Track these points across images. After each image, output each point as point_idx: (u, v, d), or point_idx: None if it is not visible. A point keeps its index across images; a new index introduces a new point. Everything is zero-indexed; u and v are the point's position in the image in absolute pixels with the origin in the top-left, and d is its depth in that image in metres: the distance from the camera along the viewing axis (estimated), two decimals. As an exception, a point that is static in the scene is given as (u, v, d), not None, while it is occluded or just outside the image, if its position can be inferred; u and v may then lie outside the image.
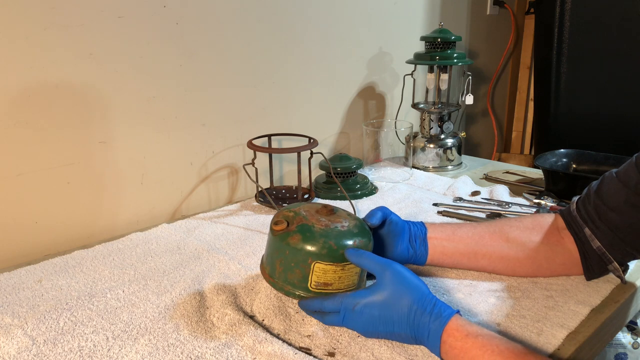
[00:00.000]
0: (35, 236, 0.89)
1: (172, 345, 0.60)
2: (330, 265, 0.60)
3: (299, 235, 0.61)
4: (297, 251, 0.60)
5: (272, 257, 0.64)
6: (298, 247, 0.60)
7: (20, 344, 0.60)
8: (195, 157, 1.08)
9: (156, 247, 0.87)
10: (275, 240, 0.63)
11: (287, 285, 0.62)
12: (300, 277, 0.61)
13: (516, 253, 0.72)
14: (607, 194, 0.67)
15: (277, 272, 0.63)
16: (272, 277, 0.63)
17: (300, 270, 0.61)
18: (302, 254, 0.60)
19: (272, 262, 0.63)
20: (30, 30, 0.81)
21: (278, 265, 0.62)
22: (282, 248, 0.62)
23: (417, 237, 0.73)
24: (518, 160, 1.90)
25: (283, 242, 0.61)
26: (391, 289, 0.58)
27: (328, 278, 0.61)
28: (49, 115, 0.86)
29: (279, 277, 0.63)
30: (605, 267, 0.69)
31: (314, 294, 0.61)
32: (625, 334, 1.06)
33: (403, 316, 0.56)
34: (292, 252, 0.61)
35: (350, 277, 0.63)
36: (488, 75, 1.91)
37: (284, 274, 0.62)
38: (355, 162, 1.11)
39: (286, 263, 0.61)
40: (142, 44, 0.94)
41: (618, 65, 1.49)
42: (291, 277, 0.61)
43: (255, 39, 1.11)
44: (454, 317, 0.55)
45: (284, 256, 0.62)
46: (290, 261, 0.61)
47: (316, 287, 0.61)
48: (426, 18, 1.54)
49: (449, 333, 0.54)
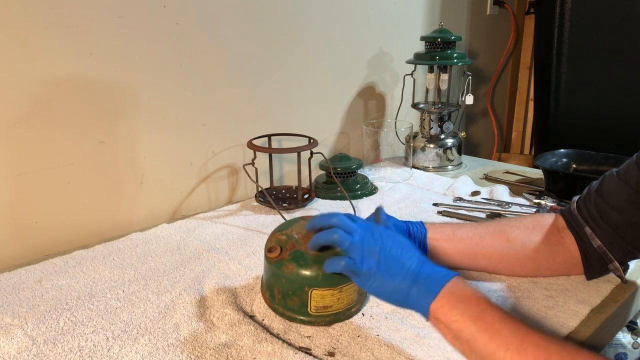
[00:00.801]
0: (35, 236, 0.89)
1: (172, 345, 0.60)
2: (327, 290, 0.61)
3: (293, 263, 0.61)
4: (292, 280, 0.61)
5: (270, 283, 0.65)
6: (293, 277, 0.61)
7: (20, 344, 0.60)
8: (195, 157, 1.08)
9: (156, 247, 0.87)
10: (272, 268, 0.63)
11: (287, 312, 0.63)
12: (299, 303, 0.62)
13: (516, 253, 0.72)
14: (608, 193, 0.67)
15: (276, 298, 0.64)
16: (272, 302, 0.65)
17: (298, 298, 0.62)
18: (298, 283, 0.61)
19: (271, 289, 0.64)
20: (30, 30, 0.81)
21: (277, 292, 0.63)
22: (278, 276, 0.62)
23: (416, 238, 0.72)
24: (518, 160, 1.90)
25: (279, 270, 0.62)
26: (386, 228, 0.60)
27: (327, 302, 0.62)
28: (49, 116, 0.86)
29: (279, 303, 0.64)
30: (606, 266, 0.69)
31: (315, 317, 0.62)
32: (625, 334, 1.06)
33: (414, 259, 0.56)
34: (288, 280, 0.62)
35: (349, 295, 0.63)
36: (488, 75, 1.91)
37: (283, 301, 0.63)
38: (355, 162, 1.11)
39: (284, 291, 0.62)
40: (142, 44, 0.94)
41: (618, 65, 1.49)
42: (291, 303, 0.62)
43: (255, 39, 1.11)
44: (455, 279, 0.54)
45: (281, 284, 0.62)
46: (287, 289, 0.62)
47: (316, 311, 0.62)
48: (426, 18, 1.54)
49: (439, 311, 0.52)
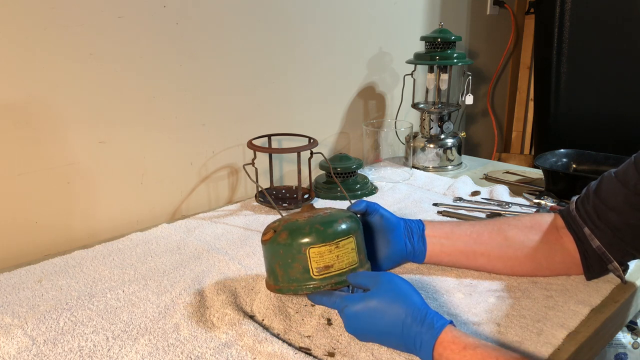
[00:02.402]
0: (35, 236, 0.89)
1: (172, 345, 0.60)
2: (324, 246, 0.61)
3: (286, 231, 0.63)
4: (289, 245, 0.62)
5: (271, 265, 0.65)
6: (288, 242, 0.62)
7: (20, 344, 0.60)
8: (195, 157, 1.08)
9: (156, 247, 0.87)
10: (267, 248, 0.64)
11: (292, 284, 0.62)
12: (301, 269, 0.62)
13: (515, 252, 0.71)
14: (606, 194, 0.67)
15: (279, 276, 0.63)
16: (277, 284, 0.64)
17: (298, 263, 0.61)
18: (295, 246, 0.61)
19: (273, 270, 0.64)
20: (30, 30, 0.81)
21: (278, 269, 0.63)
22: (275, 250, 0.63)
23: (414, 233, 0.72)
24: (518, 160, 1.90)
25: (274, 244, 0.63)
26: (381, 298, 0.56)
27: (326, 260, 0.62)
28: (49, 115, 0.86)
29: (283, 279, 0.63)
30: (605, 266, 0.69)
31: (320, 281, 0.62)
32: (625, 334, 1.06)
33: (394, 327, 0.55)
34: (285, 248, 0.62)
35: (348, 253, 0.63)
36: (488, 75, 1.91)
37: (286, 275, 0.63)
38: (355, 162, 1.11)
39: (284, 262, 0.62)
40: (142, 44, 0.94)
41: (618, 65, 1.49)
42: (293, 273, 0.62)
43: (255, 39, 1.11)
44: (447, 328, 0.53)
45: (280, 257, 0.62)
46: (286, 258, 0.62)
47: (319, 273, 0.62)
48: (426, 18, 1.54)
49: (444, 346, 0.51)
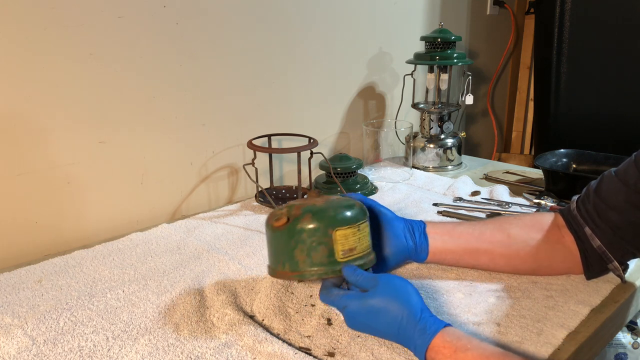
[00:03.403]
0: (35, 236, 0.89)
1: (172, 345, 0.60)
2: (349, 228, 0.61)
3: (308, 214, 0.61)
4: (314, 229, 0.60)
5: (287, 250, 0.62)
6: (314, 225, 0.60)
7: (20, 344, 0.60)
8: (195, 157, 1.08)
9: (156, 247, 0.87)
10: (284, 233, 0.62)
11: (314, 269, 0.61)
12: (327, 252, 0.61)
13: (517, 250, 0.71)
14: (607, 193, 0.67)
15: (299, 262, 0.61)
16: (295, 270, 0.62)
17: (324, 246, 0.61)
18: (321, 229, 0.60)
19: (290, 255, 0.62)
20: (30, 30, 0.81)
21: (299, 254, 0.61)
22: (296, 235, 0.61)
23: (415, 230, 0.72)
24: (518, 160, 1.90)
25: (295, 228, 0.61)
26: (378, 300, 0.57)
27: (350, 243, 0.62)
28: (49, 115, 0.86)
29: (304, 265, 0.61)
30: (606, 266, 0.69)
31: (344, 263, 0.61)
32: (625, 334, 1.06)
33: (390, 328, 0.56)
34: (310, 232, 0.61)
35: (366, 236, 0.64)
36: (488, 75, 1.91)
37: (309, 259, 0.61)
38: (355, 162, 1.11)
39: (308, 246, 0.61)
40: (142, 44, 0.94)
41: (618, 65, 1.49)
42: (317, 257, 0.61)
43: (255, 39, 1.11)
44: (440, 332, 0.53)
45: (302, 241, 0.61)
46: (311, 242, 0.61)
47: (344, 256, 0.61)
48: (426, 18, 1.54)
49: (436, 350, 0.52)
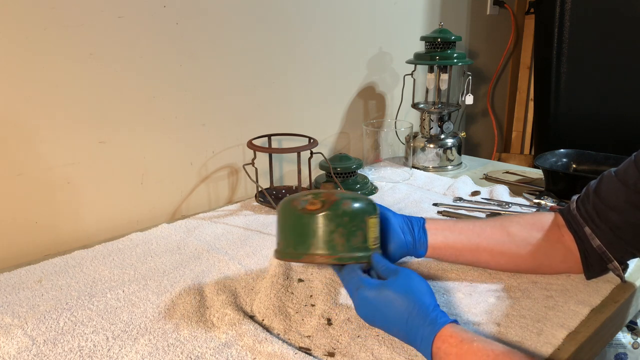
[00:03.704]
0: (35, 236, 0.89)
1: (172, 345, 0.60)
2: (375, 217, 0.64)
3: (348, 200, 0.62)
4: (355, 213, 0.61)
5: (324, 234, 0.61)
6: (354, 209, 0.61)
7: (20, 344, 0.60)
8: (195, 157, 1.08)
9: (156, 247, 0.87)
10: (325, 216, 0.61)
11: (354, 253, 0.61)
12: (362, 238, 0.62)
13: (517, 248, 0.71)
14: (606, 193, 0.67)
15: (339, 245, 0.61)
16: (335, 254, 0.61)
17: (361, 232, 0.62)
18: (360, 214, 0.62)
19: (330, 240, 0.61)
20: (30, 30, 0.81)
21: (338, 238, 0.61)
22: (337, 218, 0.61)
23: (414, 225, 0.72)
24: (518, 160, 1.91)
25: (337, 212, 0.61)
26: (394, 290, 0.57)
27: (376, 231, 0.64)
28: (49, 115, 0.86)
29: (344, 248, 0.61)
30: (605, 266, 0.69)
31: (372, 250, 0.62)
32: (625, 334, 1.06)
33: (400, 317, 0.56)
34: (351, 216, 0.61)
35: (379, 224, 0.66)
36: (488, 75, 1.91)
37: (348, 243, 0.61)
38: (355, 162, 1.11)
39: (348, 230, 0.61)
40: (142, 44, 0.94)
41: (618, 65, 1.49)
42: (355, 242, 0.61)
43: (255, 39, 1.11)
44: (448, 325, 0.53)
45: (344, 224, 0.61)
46: (351, 226, 0.61)
47: (373, 243, 0.63)
48: (426, 18, 1.54)
49: (442, 339, 0.52)
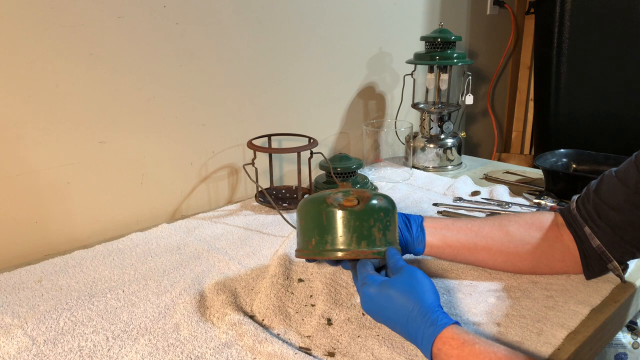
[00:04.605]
0: (35, 236, 0.89)
1: (172, 345, 0.60)
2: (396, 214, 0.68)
3: (380, 197, 0.66)
4: (388, 209, 0.66)
5: (364, 229, 0.64)
6: (387, 205, 0.66)
7: (20, 344, 0.60)
8: (195, 157, 1.08)
9: (156, 247, 0.87)
10: (365, 212, 0.64)
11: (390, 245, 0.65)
12: (394, 231, 0.66)
13: (516, 247, 0.71)
14: (607, 193, 0.68)
15: (377, 239, 0.64)
16: (373, 247, 0.64)
17: (393, 226, 0.66)
18: (391, 209, 0.66)
19: (369, 234, 0.64)
20: (30, 30, 0.81)
21: (377, 232, 0.64)
22: (374, 213, 0.64)
23: (413, 223, 0.72)
24: (518, 160, 1.90)
25: (375, 207, 0.64)
26: (397, 288, 0.57)
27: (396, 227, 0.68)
28: (49, 115, 0.86)
29: (381, 242, 0.64)
30: (605, 266, 0.69)
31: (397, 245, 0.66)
32: (625, 334, 1.06)
33: (401, 316, 0.56)
34: (385, 211, 0.65)
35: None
36: (488, 75, 1.91)
37: (384, 238, 0.65)
38: (355, 162, 1.11)
39: (384, 224, 0.65)
40: (142, 44, 0.94)
41: (618, 65, 1.49)
42: (390, 235, 0.65)
43: (255, 39, 1.11)
44: (450, 326, 0.53)
45: (380, 219, 0.65)
46: (386, 220, 0.65)
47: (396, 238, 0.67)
48: (426, 18, 1.54)
49: (443, 341, 0.52)
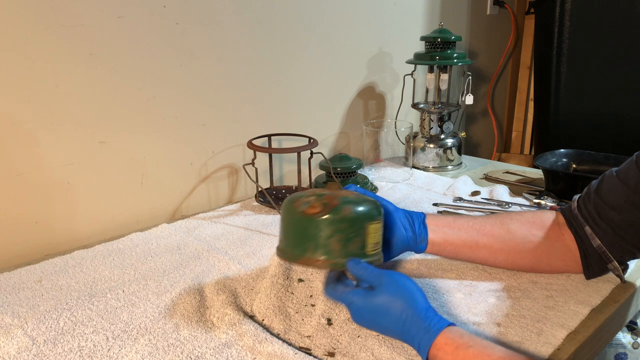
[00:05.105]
0: (35, 236, 0.89)
1: (172, 345, 0.60)
2: (377, 223, 0.64)
3: (349, 205, 0.62)
4: (354, 220, 0.61)
5: (322, 238, 0.61)
6: (354, 216, 0.61)
7: (20, 344, 0.60)
8: (195, 157, 1.08)
9: (156, 247, 0.87)
10: (322, 221, 0.61)
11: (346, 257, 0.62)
12: (360, 244, 0.62)
13: (517, 244, 0.71)
14: (607, 193, 0.68)
15: (335, 251, 0.61)
16: (331, 259, 0.61)
17: (360, 238, 0.62)
18: (360, 221, 0.62)
19: (325, 244, 0.61)
20: (30, 30, 0.81)
21: (335, 243, 0.61)
22: (335, 224, 0.61)
23: (415, 220, 0.72)
24: (518, 160, 1.90)
25: (337, 216, 0.61)
26: (383, 298, 0.57)
27: (377, 237, 0.64)
28: (49, 115, 0.86)
29: (340, 254, 0.61)
30: (605, 266, 0.69)
31: (371, 256, 0.63)
32: (625, 334, 1.06)
33: (395, 326, 0.56)
34: (350, 222, 0.61)
35: (381, 232, 0.66)
36: (488, 75, 1.91)
37: (344, 249, 0.61)
38: (355, 162, 1.11)
39: (346, 236, 0.61)
40: (142, 44, 0.94)
41: (618, 65, 1.49)
42: (352, 248, 0.62)
43: (255, 39, 1.11)
44: (444, 331, 0.53)
45: (341, 230, 0.61)
46: (349, 232, 0.61)
47: (372, 249, 0.63)
48: (426, 18, 1.54)
49: (438, 347, 0.52)
